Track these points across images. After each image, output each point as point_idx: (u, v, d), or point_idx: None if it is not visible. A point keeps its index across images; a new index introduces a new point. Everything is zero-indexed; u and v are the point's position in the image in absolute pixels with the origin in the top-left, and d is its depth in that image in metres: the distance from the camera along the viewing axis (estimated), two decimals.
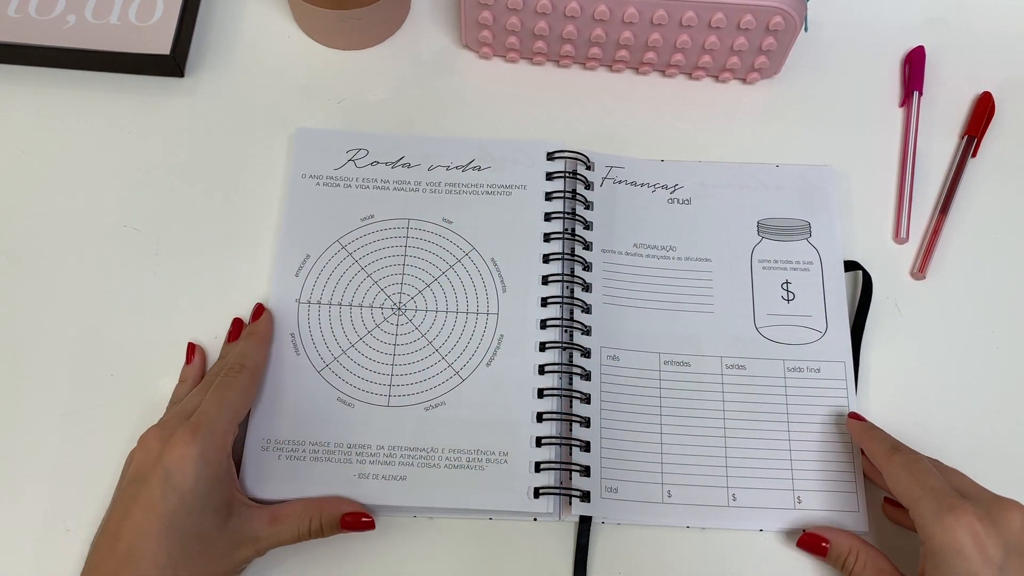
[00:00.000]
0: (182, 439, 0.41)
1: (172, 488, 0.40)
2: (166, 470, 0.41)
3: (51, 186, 0.53)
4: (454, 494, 0.46)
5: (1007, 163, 0.56)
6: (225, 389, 0.44)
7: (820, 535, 0.45)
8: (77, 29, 0.54)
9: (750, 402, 0.49)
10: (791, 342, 0.50)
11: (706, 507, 0.46)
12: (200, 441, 0.41)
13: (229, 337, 0.49)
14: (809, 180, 0.54)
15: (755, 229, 0.53)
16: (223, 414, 0.43)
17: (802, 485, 0.47)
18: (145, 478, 0.41)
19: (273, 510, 0.44)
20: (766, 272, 0.52)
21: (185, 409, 0.44)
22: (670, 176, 0.54)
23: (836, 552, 0.45)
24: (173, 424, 0.42)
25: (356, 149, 0.53)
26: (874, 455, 0.45)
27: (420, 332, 0.49)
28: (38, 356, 0.49)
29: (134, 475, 0.42)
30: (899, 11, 0.60)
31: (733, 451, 0.48)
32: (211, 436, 0.42)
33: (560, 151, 0.54)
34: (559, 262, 0.51)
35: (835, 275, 0.52)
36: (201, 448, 0.41)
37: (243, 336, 0.48)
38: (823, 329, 0.50)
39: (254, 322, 0.49)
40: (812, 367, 0.50)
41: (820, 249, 0.52)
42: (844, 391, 0.49)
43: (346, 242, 0.51)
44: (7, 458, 0.47)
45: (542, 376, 0.48)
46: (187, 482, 0.40)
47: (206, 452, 0.41)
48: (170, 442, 0.41)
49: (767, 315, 0.51)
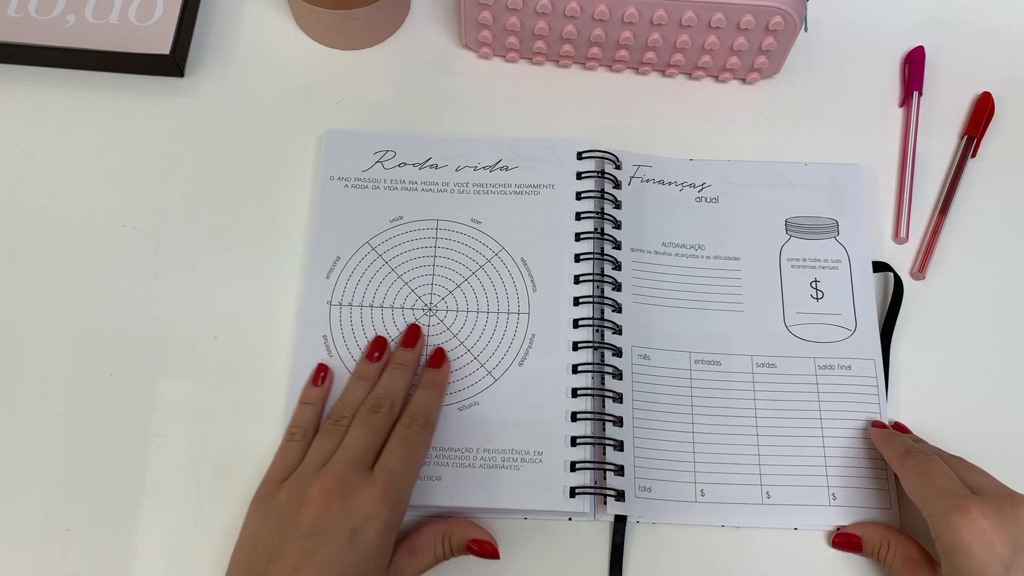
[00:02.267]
0: (372, 498, 0.40)
1: (355, 547, 0.39)
2: (352, 529, 0.39)
3: (51, 186, 0.53)
4: (490, 494, 0.46)
5: (1007, 163, 0.56)
6: (412, 447, 0.43)
7: (852, 533, 0.46)
8: (77, 29, 0.54)
9: (781, 400, 0.49)
10: (821, 340, 0.50)
11: (740, 505, 0.47)
12: (390, 503, 0.40)
13: (405, 342, 0.48)
14: (837, 178, 0.54)
15: (783, 228, 0.53)
16: (408, 474, 0.42)
17: (836, 482, 0.47)
18: (326, 533, 0.39)
19: (409, 543, 0.43)
20: (795, 271, 0.52)
21: (356, 457, 0.42)
22: (697, 175, 0.54)
23: (869, 546, 0.45)
24: (351, 477, 0.40)
25: (384, 151, 0.53)
26: (890, 460, 0.45)
27: (452, 332, 0.49)
28: (38, 356, 0.49)
29: (311, 529, 0.39)
30: (899, 11, 0.60)
31: (766, 449, 0.48)
32: (398, 498, 0.41)
33: (590, 151, 0.54)
34: (590, 261, 0.51)
35: (863, 273, 0.52)
36: (390, 511, 0.40)
37: (424, 385, 0.46)
38: (852, 327, 0.50)
39: (435, 370, 0.47)
40: (843, 364, 0.50)
41: (848, 247, 0.52)
42: (875, 389, 0.49)
43: (376, 244, 0.51)
44: (7, 458, 0.47)
45: (575, 375, 0.48)
46: (371, 544, 0.39)
47: (393, 515, 0.40)
48: (357, 499, 0.40)
49: (796, 313, 0.51)
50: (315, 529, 0.39)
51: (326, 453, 0.43)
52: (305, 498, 0.40)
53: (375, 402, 0.45)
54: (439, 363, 0.47)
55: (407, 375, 0.47)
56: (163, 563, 0.45)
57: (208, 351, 0.50)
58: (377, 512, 0.39)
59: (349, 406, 0.46)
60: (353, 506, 0.39)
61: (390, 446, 0.43)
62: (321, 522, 0.39)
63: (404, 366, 0.47)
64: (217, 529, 0.46)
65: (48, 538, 0.46)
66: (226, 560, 0.44)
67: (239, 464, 0.47)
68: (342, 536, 0.39)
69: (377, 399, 0.45)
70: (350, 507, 0.39)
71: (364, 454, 0.42)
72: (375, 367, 0.47)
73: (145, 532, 0.46)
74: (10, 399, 0.48)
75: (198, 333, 0.50)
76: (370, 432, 0.43)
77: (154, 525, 0.46)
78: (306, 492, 0.41)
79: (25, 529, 0.46)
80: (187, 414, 0.48)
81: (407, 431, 0.43)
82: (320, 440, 0.44)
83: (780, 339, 0.50)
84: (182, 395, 0.49)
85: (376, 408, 0.44)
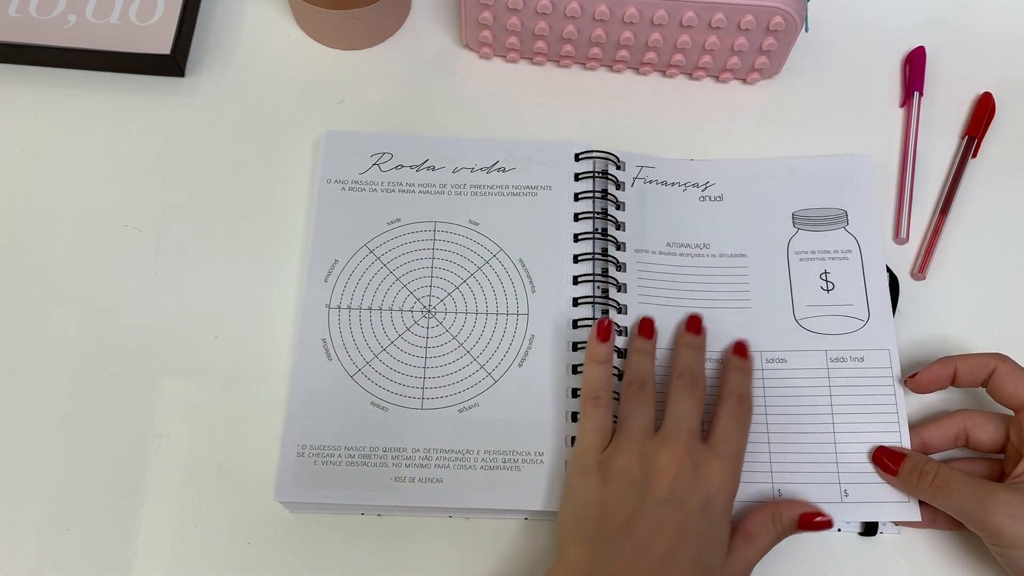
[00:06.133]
0: (724, 468, 0.41)
1: (707, 516, 0.40)
2: (706, 498, 0.40)
3: (51, 186, 0.53)
4: (491, 495, 0.46)
5: (1007, 163, 0.56)
6: (744, 425, 0.44)
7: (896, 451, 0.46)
8: (77, 29, 0.54)
9: (792, 395, 0.48)
10: (833, 332, 0.50)
11: (751, 503, 0.46)
12: (736, 477, 0.42)
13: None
14: (845, 169, 0.54)
15: (790, 221, 0.53)
16: (742, 452, 0.43)
17: (848, 478, 0.47)
18: (682, 501, 0.40)
19: (743, 530, 0.43)
20: (803, 263, 0.52)
21: (694, 428, 0.43)
22: (701, 174, 0.54)
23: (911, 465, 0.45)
24: (696, 448, 0.42)
25: (380, 153, 0.53)
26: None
27: (451, 335, 0.49)
28: (38, 356, 0.49)
29: (667, 496, 0.40)
30: (899, 11, 0.60)
31: (776, 446, 0.47)
32: (739, 473, 0.42)
33: (589, 151, 0.54)
34: (589, 262, 0.51)
35: (875, 263, 0.51)
36: (735, 484, 0.42)
37: (736, 369, 0.46)
38: (865, 317, 0.50)
39: (743, 359, 0.47)
40: (856, 356, 0.49)
41: (859, 237, 0.52)
42: (890, 379, 0.48)
43: (374, 246, 0.51)
44: (7, 458, 0.47)
45: (576, 376, 0.48)
46: (721, 515, 0.41)
47: (735, 490, 0.42)
48: (707, 470, 0.41)
49: (806, 307, 0.50)
50: (670, 496, 0.40)
51: (649, 418, 0.44)
52: (654, 466, 0.41)
53: (690, 376, 0.45)
54: (744, 353, 0.48)
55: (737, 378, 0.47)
56: (163, 563, 0.45)
57: (208, 351, 0.50)
58: (727, 484, 0.41)
59: (644, 374, 0.46)
60: (705, 476, 0.41)
61: (724, 423, 0.43)
62: (675, 490, 0.40)
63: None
64: (217, 529, 0.46)
65: (48, 538, 0.46)
66: (226, 560, 0.45)
67: (239, 464, 0.47)
68: (696, 504, 0.40)
69: (691, 374, 0.45)
70: (701, 477, 0.41)
71: (698, 426, 0.43)
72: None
73: (145, 532, 0.46)
74: (10, 399, 0.48)
75: (198, 333, 0.50)
76: (696, 406, 0.44)
77: (154, 525, 0.46)
78: (654, 459, 0.41)
79: (25, 529, 0.46)
80: (187, 414, 0.48)
81: (739, 410, 0.44)
82: (635, 406, 0.44)
83: (790, 333, 0.50)
84: (182, 395, 0.49)
85: (693, 382, 0.45)
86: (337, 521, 0.47)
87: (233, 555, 0.46)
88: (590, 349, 0.46)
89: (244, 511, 0.46)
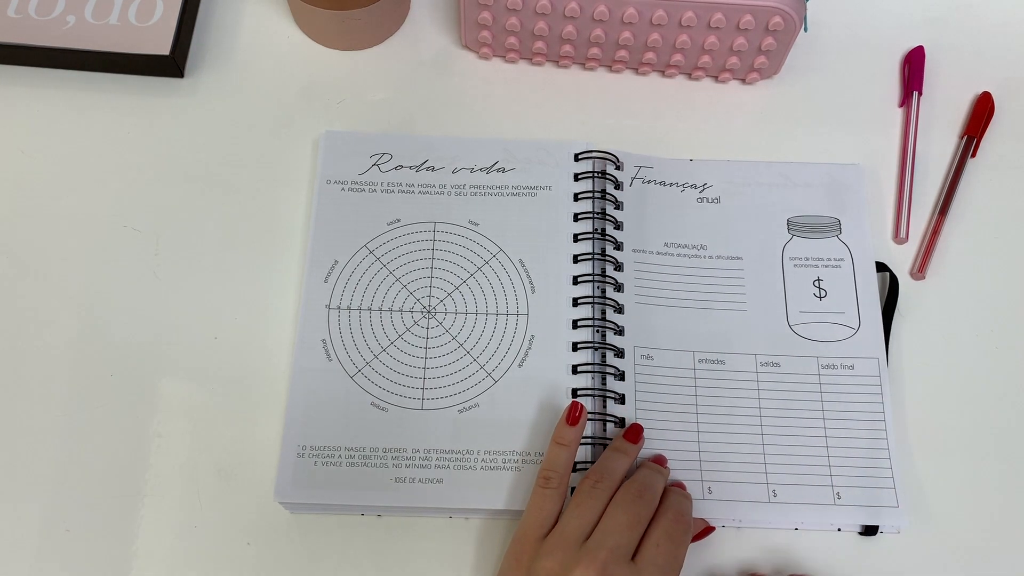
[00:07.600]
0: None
1: None
2: None
3: (51, 186, 0.53)
4: (491, 495, 0.46)
5: (1007, 163, 0.56)
6: (679, 546, 0.42)
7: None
8: (77, 29, 0.54)
9: (785, 399, 0.49)
10: (824, 339, 0.50)
11: (747, 503, 0.47)
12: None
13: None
14: (838, 178, 0.54)
15: (785, 227, 0.53)
16: (674, 573, 0.42)
17: (840, 481, 0.47)
18: None
19: None
20: (797, 270, 0.52)
21: (621, 547, 0.41)
22: (699, 175, 0.54)
23: None
24: (615, 569, 0.40)
25: (380, 153, 0.53)
26: None
27: (451, 335, 0.49)
28: (38, 357, 0.49)
29: None
30: (899, 11, 0.60)
31: (771, 448, 0.48)
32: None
33: (588, 152, 0.54)
34: (589, 262, 0.51)
35: (867, 272, 0.52)
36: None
37: (674, 493, 0.44)
38: (856, 326, 0.51)
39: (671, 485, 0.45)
40: (846, 364, 0.50)
41: (851, 246, 0.52)
42: (878, 388, 0.49)
43: (374, 247, 0.51)
44: (7, 459, 0.47)
45: (575, 376, 0.48)
46: None
47: None
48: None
49: (799, 312, 0.51)
50: None
51: (586, 523, 0.42)
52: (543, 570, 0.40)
53: (638, 489, 0.43)
54: (664, 463, 0.47)
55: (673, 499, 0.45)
56: (163, 563, 0.45)
57: (208, 352, 0.50)
58: None
59: (612, 473, 0.44)
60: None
61: (655, 540, 0.42)
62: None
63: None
64: (217, 529, 0.46)
65: (48, 539, 0.46)
66: (226, 560, 0.45)
67: (239, 464, 0.47)
68: None
69: (640, 486, 0.44)
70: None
71: (628, 544, 0.41)
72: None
73: (145, 532, 0.46)
74: (10, 400, 0.48)
75: (198, 334, 0.50)
76: (634, 522, 0.42)
77: (154, 525, 0.46)
78: (568, 572, 0.40)
79: (25, 530, 0.46)
80: (187, 414, 0.48)
81: (675, 527, 0.42)
82: (581, 506, 0.43)
83: (784, 338, 0.50)
84: (182, 395, 0.49)
85: (640, 495, 0.43)
86: (337, 521, 0.47)
87: (233, 555, 0.46)
88: (557, 430, 0.46)
89: (244, 512, 0.46)
